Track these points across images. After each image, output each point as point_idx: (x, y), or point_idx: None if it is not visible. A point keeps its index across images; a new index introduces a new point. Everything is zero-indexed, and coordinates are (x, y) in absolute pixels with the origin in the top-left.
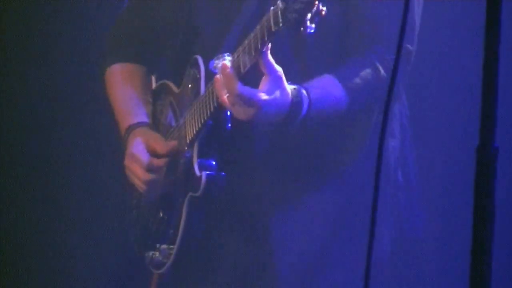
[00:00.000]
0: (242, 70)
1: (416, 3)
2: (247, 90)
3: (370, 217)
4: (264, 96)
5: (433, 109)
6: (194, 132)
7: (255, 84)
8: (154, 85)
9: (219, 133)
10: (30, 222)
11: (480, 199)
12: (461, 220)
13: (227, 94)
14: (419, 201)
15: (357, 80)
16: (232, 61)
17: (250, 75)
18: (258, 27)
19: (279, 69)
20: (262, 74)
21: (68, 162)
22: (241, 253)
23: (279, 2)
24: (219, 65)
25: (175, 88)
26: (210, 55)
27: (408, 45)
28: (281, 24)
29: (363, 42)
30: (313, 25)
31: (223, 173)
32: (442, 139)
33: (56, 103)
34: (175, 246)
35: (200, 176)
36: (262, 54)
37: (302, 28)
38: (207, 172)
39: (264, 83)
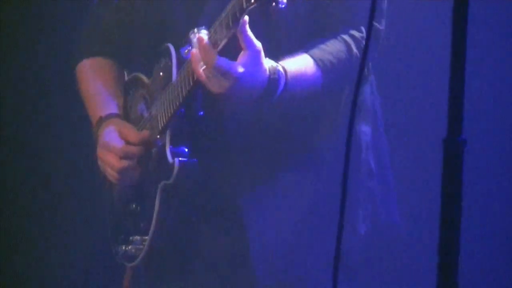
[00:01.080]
0: (218, 45)
1: None
2: (224, 61)
3: (340, 201)
4: (241, 69)
5: (404, 101)
6: (166, 119)
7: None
8: (126, 78)
9: (191, 120)
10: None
11: (447, 190)
12: (432, 208)
13: (203, 67)
14: (392, 188)
15: (332, 58)
16: (209, 35)
17: (226, 53)
18: (229, 6)
19: (258, 44)
20: (237, 52)
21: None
22: (216, 242)
23: None
24: (195, 39)
25: (146, 80)
26: (182, 43)
27: (377, 24)
28: (252, 1)
29: (334, 22)
30: (285, 0)
31: (196, 160)
32: (414, 129)
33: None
34: (148, 237)
35: (173, 163)
36: (241, 27)
37: (274, 4)
38: (180, 159)
39: (242, 57)
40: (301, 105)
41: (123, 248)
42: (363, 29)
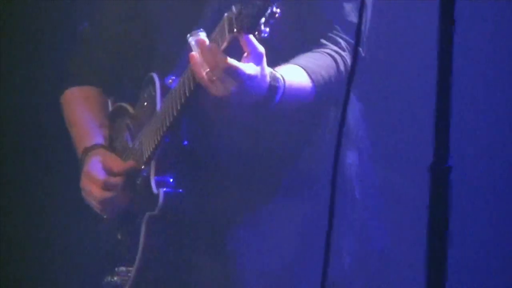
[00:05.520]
0: (220, 46)
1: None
2: (233, 61)
3: (326, 231)
4: (248, 70)
5: (390, 126)
6: (151, 150)
7: None
8: (110, 108)
9: (176, 150)
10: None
11: (435, 216)
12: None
13: (207, 70)
14: (378, 216)
15: (323, 72)
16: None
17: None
18: (212, 35)
19: (260, 47)
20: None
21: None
22: (205, 272)
23: (232, 7)
24: (193, 42)
25: (131, 109)
26: (166, 73)
27: (360, 49)
28: (235, 30)
29: (317, 37)
30: (267, 29)
31: (181, 190)
32: (400, 156)
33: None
34: (134, 268)
35: (158, 194)
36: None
37: (256, 32)
38: (165, 189)
39: (245, 59)
40: (292, 122)
41: (109, 278)
42: (343, 45)
